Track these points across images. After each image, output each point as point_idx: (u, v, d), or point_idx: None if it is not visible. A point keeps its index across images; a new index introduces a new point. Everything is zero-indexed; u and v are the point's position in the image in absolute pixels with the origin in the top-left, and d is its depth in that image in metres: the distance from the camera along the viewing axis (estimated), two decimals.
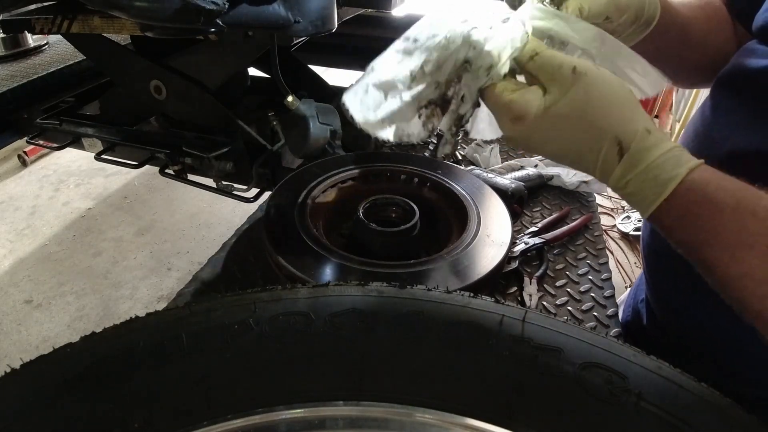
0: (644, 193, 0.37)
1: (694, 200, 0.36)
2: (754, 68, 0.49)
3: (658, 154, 0.37)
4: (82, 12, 0.82)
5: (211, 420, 0.32)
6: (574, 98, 0.38)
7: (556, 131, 0.39)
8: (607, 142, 0.37)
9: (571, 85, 0.38)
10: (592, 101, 0.38)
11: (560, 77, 0.38)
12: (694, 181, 0.36)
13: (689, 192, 0.36)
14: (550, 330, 0.37)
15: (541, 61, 0.40)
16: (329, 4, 0.76)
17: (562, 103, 0.38)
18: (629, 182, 0.37)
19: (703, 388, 0.34)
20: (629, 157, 0.37)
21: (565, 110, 0.38)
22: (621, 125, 0.37)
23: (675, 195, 0.36)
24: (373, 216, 0.65)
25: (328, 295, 0.39)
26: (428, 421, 0.33)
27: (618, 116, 0.38)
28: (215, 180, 1.03)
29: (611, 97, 0.38)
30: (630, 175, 0.37)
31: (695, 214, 0.36)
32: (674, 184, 0.36)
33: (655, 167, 0.36)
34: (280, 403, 0.33)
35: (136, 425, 0.31)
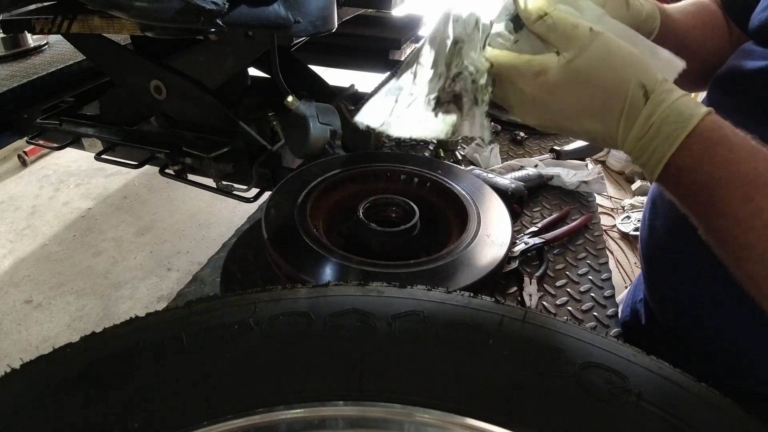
0: (669, 130, 0.38)
1: (713, 138, 0.38)
2: (751, 69, 0.49)
3: (678, 95, 0.39)
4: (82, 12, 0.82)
5: (211, 420, 0.32)
6: (595, 53, 0.39)
7: (582, 82, 0.40)
8: (633, 86, 0.39)
9: (591, 42, 0.39)
10: (612, 54, 0.39)
11: (577, 36, 0.40)
12: (713, 121, 0.38)
13: (709, 130, 0.38)
14: (550, 330, 0.37)
15: (554, 21, 0.40)
16: (329, 4, 0.76)
17: (584, 57, 0.39)
18: (653, 123, 0.39)
19: (703, 388, 0.34)
20: (654, 97, 0.38)
21: (587, 63, 0.39)
22: (643, 72, 0.39)
23: (696, 132, 0.38)
24: (373, 216, 0.65)
25: (328, 295, 0.39)
26: (428, 421, 0.33)
27: (638, 65, 0.39)
28: (215, 180, 1.03)
29: (629, 50, 0.40)
30: (655, 116, 0.38)
31: (713, 152, 0.37)
32: (697, 119, 0.37)
33: (678, 105, 0.38)
34: (280, 403, 0.33)
35: (136, 425, 0.31)
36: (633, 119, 0.39)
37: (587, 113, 0.41)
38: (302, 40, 0.97)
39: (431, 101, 0.46)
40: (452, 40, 0.44)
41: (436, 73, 0.46)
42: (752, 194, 0.36)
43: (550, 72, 0.40)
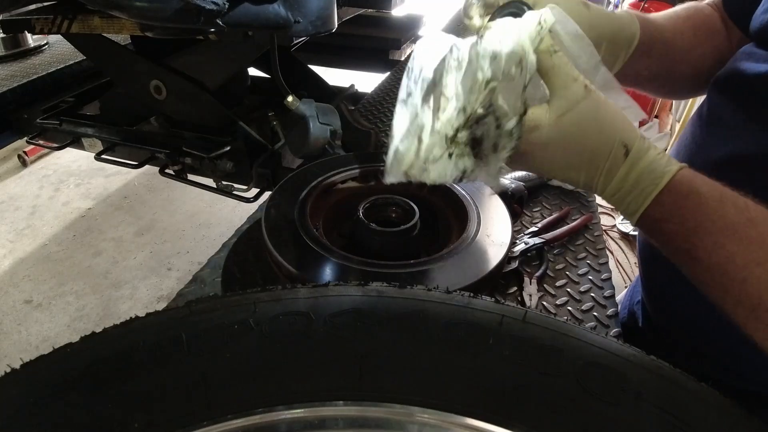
0: (643, 186, 0.41)
1: (684, 192, 0.40)
2: (752, 73, 0.49)
3: (654, 154, 0.42)
4: (82, 12, 0.82)
5: (211, 420, 0.32)
6: (585, 112, 0.41)
7: (571, 139, 0.42)
8: (616, 144, 0.41)
9: (583, 99, 0.41)
10: (600, 113, 0.42)
11: (574, 89, 0.41)
12: (684, 176, 0.41)
13: (680, 184, 0.40)
14: (550, 330, 0.37)
15: (558, 63, 0.42)
16: (329, 4, 0.76)
17: (575, 113, 0.41)
18: (630, 179, 0.42)
19: (703, 388, 0.34)
20: (633, 155, 0.41)
21: (577, 119, 0.41)
22: (624, 132, 0.42)
23: (668, 187, 0.40)
24: (373, 216, 0.65)
25: (328, 295, 0.39)
26: (428, 421, 0.33)
27: (621, 125, 0.42)
28: (215, 180, 1.03)
29: (613, 111, 0.43)
30: (632, 173, 0.41)
31: (684, 205, 0.40)
32: (669, 176, 0.40)
33: (653, 162, 0.41)
34: (280, 403, 0.33)
35: (136, 425, 0.31)
36: (612, 175, 0.42)
37: (573, 167, 0.43)
38: (302, 40, 0.97)
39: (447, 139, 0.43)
40: (485, 78, 0.41)
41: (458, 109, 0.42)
42: (723, 241, 0.38)
43: (542, 128, 0.42)
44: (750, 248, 0.37)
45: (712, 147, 0.52)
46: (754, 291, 0.37)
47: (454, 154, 0.43)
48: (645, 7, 2.44)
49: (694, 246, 0.40)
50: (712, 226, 0.39)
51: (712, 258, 0.39)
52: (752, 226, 0.38)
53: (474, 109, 0.42)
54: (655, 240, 0.44)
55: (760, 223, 0.38)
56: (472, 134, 0.42)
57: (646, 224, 0.43)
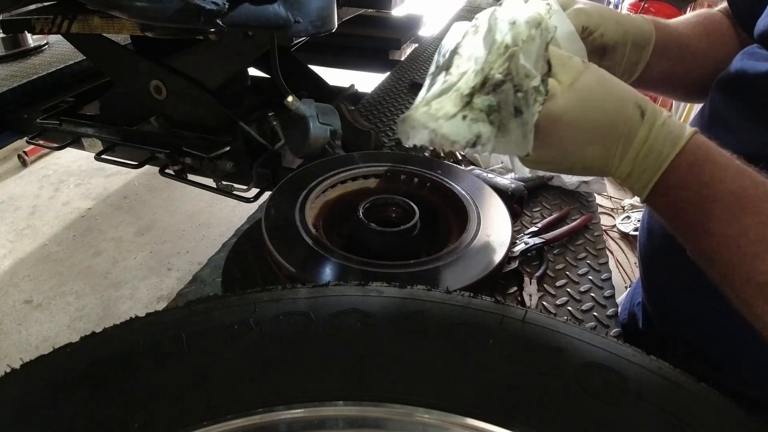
0: (660, 147, 0.39)
1: (701, 156, 0.39)
2: (754, 72, 0.49)
3: (667, 115, 0.40)
4: (82, 12, 0.82)
5: (211, 420, 0.32)
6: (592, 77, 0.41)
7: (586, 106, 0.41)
8: (630, 105, 0.40)
9: (585, 69, 0.41)
10: (606, 79, 0.41)
11: (572, 65, 0.41)
12: (700, 140, 0.39)
13: (697, 149, 0.39)
14: (550, 330, 0.37)
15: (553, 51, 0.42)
16: (329, 4, 0.76)
17: (583, 80, 0.40)
18: (647, 141, 0.40)
19: (703, 388, 0.34)
20: (649, 116, 0.40)
21: (587, 85, 0.41)
22: (635, 94, 0.41)
23: (685, 150, 0.39)
24: (373, 216, 0.65)
25: (328, 295, 0.39)
26: (428, 421, 0.33)
27: (629, 89, 0.41)
28: (215, 180, 1.03)
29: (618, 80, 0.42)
30: (651, 135, 0.40)
31: (700, 170, 0.38)
32: (686, 138, 0.39)
33: (669, 123, 0.40)
34: (280, 403, 0.33)
35: (136, 425, 0.31)
36: (632, 137, 0.40)
37: (590, 139, 0.41)
38: (302, 40, 0.97)
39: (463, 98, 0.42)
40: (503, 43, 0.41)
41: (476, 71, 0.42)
42: (738, 213, 0.37)
43: (557, 97, 0.40)
44: (765, 223, 0.36)
45: None
46: (765, 267, 0.35)
47: (468, 117, 0.41)
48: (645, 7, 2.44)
49: (707, 217, 0.38)
50: (728, 197, 0.37)
51: (725, 230, 0.37)
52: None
53: (492, 74, 0.41)
54: (666, 212, 0.42)
55: None
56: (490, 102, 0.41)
57: (658, 196, 0.41)
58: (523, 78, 0.40)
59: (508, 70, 0.40)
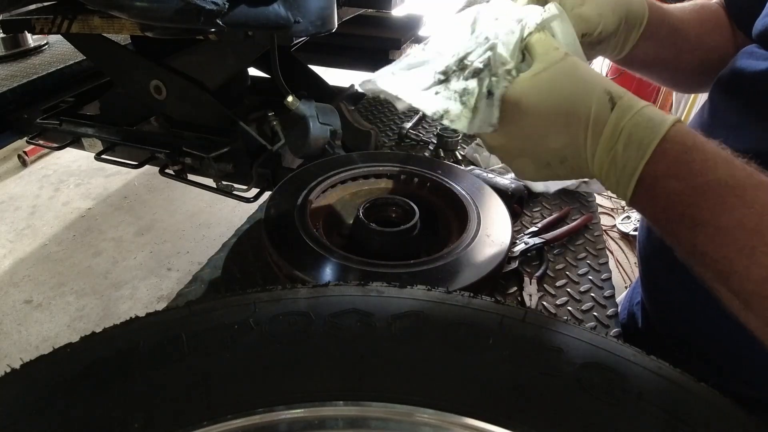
0: (641, 135, 0.37)
1: (689, 144, 0.37)
2: (754, 71, 0.49)
3: (644, 104, 0.38)
4: (82, 12, 0.82)
5: (211, 420, 0.32)
6: (562, 67, 0.40)
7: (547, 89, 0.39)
8: (597, 92, 0.39)
9: (561, 60, 0.40)
10: (578, 70, 0.40)
11: (552, 54, 0.40)
12: (684, 128, 0.37)
13: (683, 135, 0.37)
14: (550, 330, 0.37)
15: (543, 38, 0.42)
16: (329, 4, 0.76)
17: (551, 70, 0.40)
18: (623, 129, 0.38)
19: (703, 388, 0.34)
20: (621, 103, 0.38)
21: (553, 74, 0.40)
22: (609, 84, 0.39)
23: (669, 137, 0.36)
24: (373, 216, 0.65)
25: (328, 295, 0.39)
26: (428, 421, 0.33)
27: (604, 80, 0.40)
28: (215, 180, 1.03)
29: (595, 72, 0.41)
30: (624, 121, 0.38)
31: (689, 157, 0.36)
32: (668, 124, 0.37)
33: (647, 111, 0.38)
34: (280, 403, 0.33)
35: (136, 425, 0.31)
36: (600, 126, 0.38)
37: (552, 125, 0.40)
38: (302, 40, 0.97)
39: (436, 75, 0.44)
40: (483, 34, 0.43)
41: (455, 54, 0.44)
42: (732, 203, 0.35)
43: (518, 82, 0.40)
44: (761, 212, 0.34)
45: None
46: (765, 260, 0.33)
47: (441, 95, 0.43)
48: None
49: (699, 208, 0.35)
50: (721, 187, 0.35)
51: (720, 221, 0.35)
52: (762, 190, 0.34)
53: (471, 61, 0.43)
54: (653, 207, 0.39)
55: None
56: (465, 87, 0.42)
57: (644, 190, 0.38)
58: (499, 66, 0.42)
59: (488, 61, 0.42)
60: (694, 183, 0.36)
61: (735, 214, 0.34)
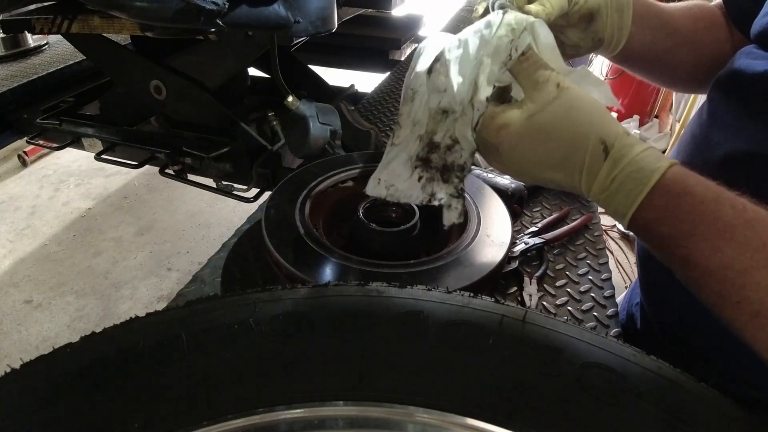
0: (630, 186, 0.39)
1: (676, 191, 0.38)
2: (752, 72, 0.49)
3: (639, 150, 0.39)
4: (82, 12, 0.82)
5: (211, 420, 0.32)
6: (557, 109, 0.41)
7: (542, 137, 0.41)
8: (592, 141, 0.40)
9: (555, 99, 0.41)
10: (574, 110, 0.41)
11: (545, 89, 0.41)
12: (676, 174, 0.38)
13: (671, 184, 0.38)
14: (550, 330, 0.37)
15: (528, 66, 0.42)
16: (329, 4, 0.76)
17: (546, 113, 0.41)
18: (615, 178, 0.39)
19: (703, 388, 0.34)
20: (615, 153, 0.39)
21: (548, 118, 0.41)
22: (603, 128, 0.40)
23: (659, 186, 0.38)
24: (373, 216, 0.65)
25: (328, 295, 0.39)
26: (428, 421, 0.33)
27: (599, 122, 0.40)
28: (215, 180, 1.03)
29: (591, 107, 0.41)
30: (616, 171, 0.39)
31: (677, 205, 0.38)
32: (659, 174, 0.38)
33: (639, 160, 0.39)
34: (280, 403, 0.33)
35: (136, 425, 0.31)
36: (594, 174, 0.40)
37: (548, 165, 0.42)
38: (302, 40, 0.97)
39: (413, 162, 0.46)
40: (439, 109, 0.44)
41: (415, 134, 0.46)
42: (720, 244, 0.36)
43: (512, 126, 0.42)
44: (749, 252, 0.35)
45: (712, 146, 0.52)
46: (754, 297, 0.35)
47: (424, 178, 0.47)
48: None
49: (689, 250, 0.37)
50: (709, 229, 0.36)
51: (710, 262, 0.36)
52: (751, 228, 0.36)
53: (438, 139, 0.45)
54: (649, 244, 0.42)
55: (758, 225, 0.36)
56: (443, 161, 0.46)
57: (637, 227, 0.41)
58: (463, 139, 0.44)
59: (454, 138, 0.44)
60: (683, 228, 0.37)
61: (723, 255, 0.36)
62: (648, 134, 2.76)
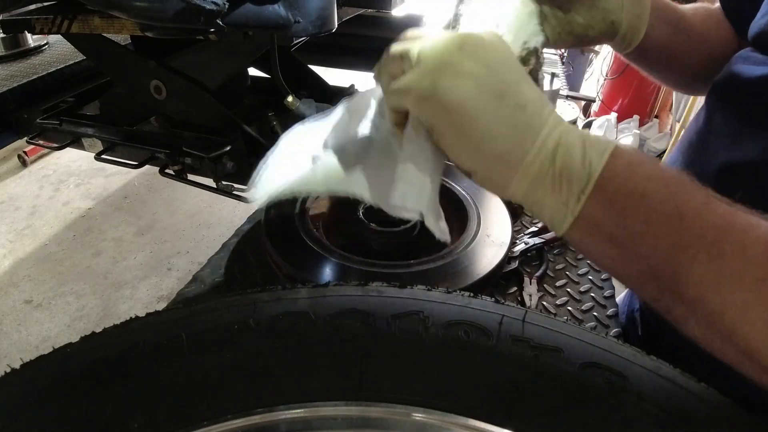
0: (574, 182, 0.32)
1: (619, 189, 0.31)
2: (748, 77, 0.48)
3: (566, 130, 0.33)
4: (82, 12, 0.82)
5: (211, 420, 0.32)
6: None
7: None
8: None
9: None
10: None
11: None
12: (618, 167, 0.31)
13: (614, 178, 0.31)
14: (550, 330, 0.37)
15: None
16: (329, 5, 0.76)
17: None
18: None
19: (703, 388, 0.34)
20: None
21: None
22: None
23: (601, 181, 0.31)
24: (373, 216, 0.65)
25: (328, 295, 0.39)
26: (428, 421, 0.33)
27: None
28: (215, 180, 1.02)
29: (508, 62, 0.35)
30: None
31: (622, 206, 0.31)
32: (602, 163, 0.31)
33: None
34: (280, 403, 0.33)
35: (136, 425, 0.31)
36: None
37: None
38: (302, 40, 0.97)
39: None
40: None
41: None
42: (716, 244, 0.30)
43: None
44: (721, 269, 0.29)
45: (709, 153, 0.51)
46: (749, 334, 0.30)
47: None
48: None
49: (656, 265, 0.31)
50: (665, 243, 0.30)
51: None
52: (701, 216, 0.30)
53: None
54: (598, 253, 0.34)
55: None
56: None
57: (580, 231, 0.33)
58: None
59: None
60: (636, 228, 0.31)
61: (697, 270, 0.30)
62: (648, 134, 2.76)
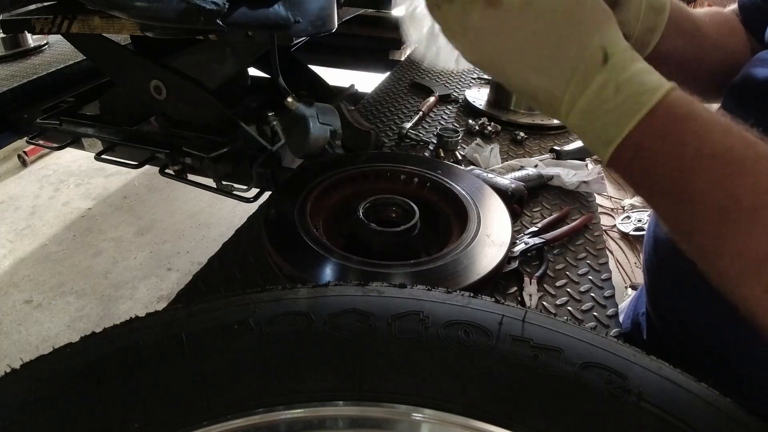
0: (628, 103, 0.33)
1: (681, 114, 0.33)
2: (764, 78, 0.47)
3: (642, 66, 0.34)
4: (82, 12, 0.82)
5: (211, 420, 0.32)
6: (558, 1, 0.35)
7: (534, 21, 0.35)
8: (593, 45, 0.34)
9: None
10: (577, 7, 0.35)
11: None
12: (681, 97, 0.33)
13: (677, 105, 0.33)
14: (550, 330, 0.37)
15: None
16: (329, 4, 0.76)
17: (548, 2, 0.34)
18: (609, 91, 0.34)
19: (703, 388, 0.34)
20: (615, 61, 0.34)
21: (546, 5, 0.35)
22: (606, 35, 0.35)
23: (658, 110, 0.33)
24: (373, 216, 0.65)
25: (328, 295, 0.39)
26: (428, 421, 0.33)
27: (604, 27, 0.35)
28: (215, 180, 1.02)
29: (596, 10, 0.35)
30: (612, 83, 0.34)
31: (680, 130, 0.33)
32: (662, 93, 0.33)
33: (641, 75, 0.34)
34: (280, 403, 0.33)
35: (136, 425, 0.31)
36: (586, 81, 0.34)
37: (534, 61, 0.35)
38: (302, 40, 0.97)
39: None
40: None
41: None
42: (728, 176, 0.31)
43: (503, 6, 0.35)
44: (759, 188, 0.30)
45: None
46: (763, 239, 0.30)
47: None
48: None
49: (688, 182, 0.32)
50: (714, 159, 0.31)
51: (712, 197, 0.31)
52: (762, 163, 0.31)
53: None
54: (634, 177, 0.35)
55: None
56: None
57: (625, 157, 0.34)
58: None
59: None
60: (683, 153, 0.32)
61: (731, 188, 0.31)
62: None
